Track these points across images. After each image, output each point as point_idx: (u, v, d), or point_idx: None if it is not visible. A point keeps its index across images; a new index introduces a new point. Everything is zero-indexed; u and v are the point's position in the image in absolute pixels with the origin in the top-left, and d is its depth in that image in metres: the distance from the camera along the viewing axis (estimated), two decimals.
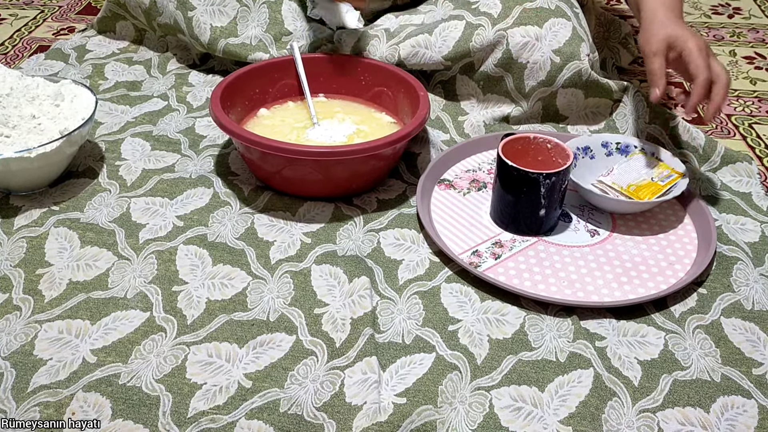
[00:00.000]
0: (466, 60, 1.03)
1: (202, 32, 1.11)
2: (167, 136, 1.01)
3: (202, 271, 0.78)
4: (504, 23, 1.02)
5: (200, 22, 1.11)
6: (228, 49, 1.10)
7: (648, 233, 0.86)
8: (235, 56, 1.10)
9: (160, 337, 0.71)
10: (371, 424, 0.63)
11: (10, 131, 0.85)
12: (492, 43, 1.01)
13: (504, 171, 0.82)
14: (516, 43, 1.01)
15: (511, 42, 1.01)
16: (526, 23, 1.01)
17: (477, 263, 0.81)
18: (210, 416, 0.64)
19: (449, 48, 1.02)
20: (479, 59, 1.03)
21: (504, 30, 1.01)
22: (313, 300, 0.75)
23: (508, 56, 1.01)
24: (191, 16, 1.11)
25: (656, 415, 0.65)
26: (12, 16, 1.45)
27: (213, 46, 1.11)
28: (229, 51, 1.10)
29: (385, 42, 1.04)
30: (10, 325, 0.72)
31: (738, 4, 1.56)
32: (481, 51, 1.02)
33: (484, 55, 1.02)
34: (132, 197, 0.89)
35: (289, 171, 0.86)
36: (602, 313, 0.75)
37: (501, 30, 1.01)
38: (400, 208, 0.89)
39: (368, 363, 0.68)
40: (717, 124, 1.11)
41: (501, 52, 1.01)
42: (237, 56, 1.10)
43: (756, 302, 0.76)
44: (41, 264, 0.79)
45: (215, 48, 1.11)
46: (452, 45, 1.02)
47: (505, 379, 0.68)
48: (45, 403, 0.64)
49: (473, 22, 1.02)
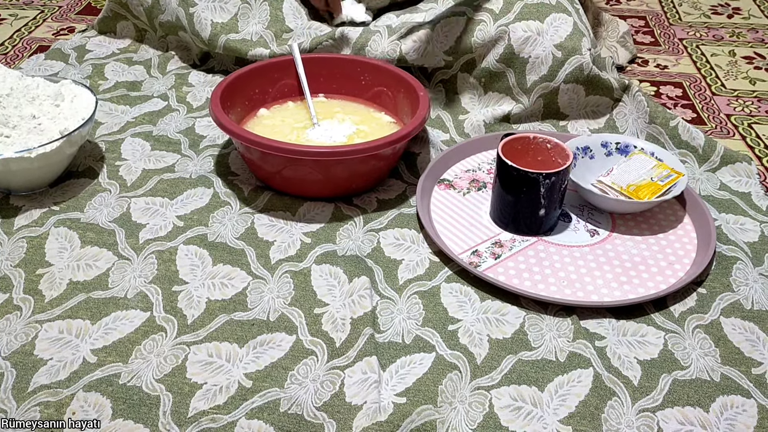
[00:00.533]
0: (467, 56, 1.03)
1: (203, 28, 1.11)
2: (167, 136, 1.01)
3: (202, 271, 0.78)
4: (505, 18, 1.02)
5: (201, 18, 1.11)
6: (228, 45, 1.10)
7: (648, 233, 0.86)
8: (236, 52, 1.10)
9: (161, 336, 0.71)
10: (371, 424, 0.63)
11: (11, 131, 0.85)
12: (494, 38, 1.02)
13: (504, 171, 0.82)
14: (518, 38, 1.01)
15: (513, 37, 1.01)
16: (528, 18, 1.02)
17: (477, 263, 0.81)
18: (210, 416, 0.64)
19: (451, 43, 1.02)
20: (480, 55, 1.03)
21: (506, 25, 1.02)
22: (313, 300, 0.75)
23: (509, 51, 1.02)
24: (192, 12, 1.12)
25: (656, 414, 0.65)
26: (12, 16, 1.45)
27: (213, 42, 1.11)
28: (229, 47, 1.10)
29: (386, 37, 1.05)
30: (11, 324, 0.72)
31: (737, 4, 1.56)
32: (483, 47, 1.02)
33: (486, 51, 1.03)
34: (132, 197, 0.89)
35: (289, 171, 0.86)
36: (602, 313, 0.75)
37: (503, 25, 1.02)
38: (400, 208, 0.89)
39: (368, 363, 0.68)
40: (717, 124, 1.11)
41: (503, 47, 1.02)
42: (237, 52, 1.10)
43: (755, 302, 0.76)
44: (41, 264, 0.79)
45: (216, 44, 1.11)
46: (454, 40, 1.02)
47: (504, 378, 0.68)
48: (45, 402, 0.64)
49: (475, 18, 1.03)
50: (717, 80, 1.24)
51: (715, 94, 1.20)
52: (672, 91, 1.21)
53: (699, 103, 1.17)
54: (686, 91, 1.21)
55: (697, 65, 1.29)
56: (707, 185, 0.95)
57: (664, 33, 1.42)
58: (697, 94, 1.20)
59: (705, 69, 1.28)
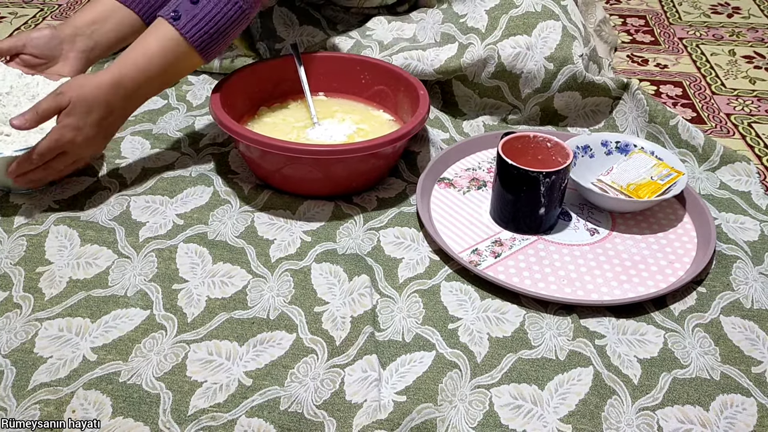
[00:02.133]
0: (458, 74, 1.03)
1: None
2: (167, 135, 1.01)
3: (202, 270, 0.78)
4: (492, 37, 1.01)
5: None
6: (225, 65, 1.12)
7: (647, 232, 0.86)
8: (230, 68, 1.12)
9: (161, 335, 0.71)
10: (371, 422, 0.63)
11: (11, 130, 0.85)
12: (483, 58, 1.01)
13: (504, 170, 0.82)
14: (507, 55, 1.01)
15: (503, 55, 1.01)
16: (515, 33, 1.01)
17: (477, 262, 0.81)
18: (210, 414, 0.64)
19: (441, 62, 1.02)
20: (472, 72, 1.03)
21: (494, 44, 1.01)
22: (313, 298, 0.75)
23: (501, 69, 1.02)
24: None
25: (656, 413, 0.65)
26: (11, 15, 1.45)
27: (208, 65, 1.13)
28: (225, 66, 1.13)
29: (378, 53, 1.04)
30: (11, 323, 0.72)
31: (737, 4, 1.56)
32: (473, 65, 1.02)
33: (477, 69, 1.03)
34: (132, 195, 0.89)
35: (289, 170, 0.86)
36: (602, 312, 0.75)
37: (491, 44, 1.01)
38: (400, 206, 0.89)
39: (368, 361, 0.68)
40: (716, 123, 1.12)
41: (494, 66, 1.01)
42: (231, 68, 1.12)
43: (755, 301, 0.76)
44: (41, 262, 0.79)
45: (210, 66, 1.14)
46: (444, 60, 1.02)
47: (504, 377, 0.68)
48: (45, 401, 0.64)
49: (464, 43, 1.02)
50: (717, 79, 1.24)
51: (715, 94, 1.20)
52: (672, 91, 1.21)
53: (699, 103, 1.17)
54: (686, 90, 1.21)
55: (697, 64, 1.30)
56: (707, 184, 0.95)
57: (664, 32, 1.42)
58: (696, 93, 1.20)
59: (705, 68, 1.28)
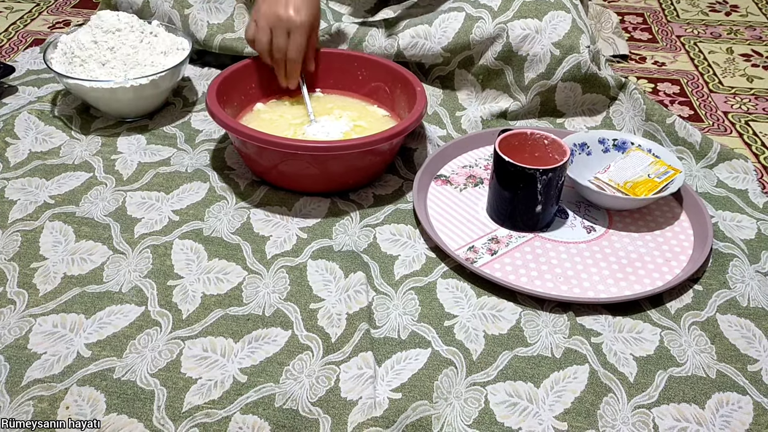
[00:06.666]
0: (465, 53, 1.03)
1: (199, 29, 1.11)
2: (163, 130, 1.01)
3: (197, 266, 0.78)
4: (504, 16, 1.02)
5: (197, 19, 1.11)
6: (224, 44, 1.10)
7: (644, 230, 0.86)
8: (232, 50, 1.10)
9: (155, 331, 0.71)
10: (366, 419, 0.63)
11: (114, 63, 0.96)
12: (492, 36, 1.01)
13: (501, 167, 0.82)
14: (516, 35, 1.01)
15: (512, 35, 1.01)
16: (526, 16, 1.02)
17: (473, 259, 0.80)
18: (205, 411, 0.64)
19: (449, 39, 1.02)
20: (479, 52, 1.03)
21: (504, 23, 1.01)
22: (309, 295, 0.75)
23: (508, 49, 1.01)
24: (187, 14, 1.11)
25: (651, 411, 0.65)
26: (7, 9, 1.44)
27: (209, 42, 1.11)
28: (225, 46, 1.10)
29: (383, 32, 1.04)
30: (4, 318, 0.71)
31: (735, 2, 1.56)
32: (481, 44, 1.02)
33: (484, 48, 1.02)
34: (128, 191, 0.88)
35: (286, 166, 0.86)
36: (598, 310, 0.75)
37: (501, 23, 1.01)
38: (397, 203, 0.89)
39: (364, 358, 0.68)
40: (714, 121, 1.11)
41: (501, 45, 1.01)
42: (233, 50, 1.10)
43: (751, 299, 0.76)
44: (36, 258, 0.78)
45: (211, 44, 1.11)
46: (452, 36, 1.02)
47: (500, 374, 0.68)
48: (39, 397, 0.64)
49: (473, 14, 1.02)
50: (714, 77, 1.24)
51: (712, 92, 1.20)
52: (669, 89, 1.21)
53: (696, 101, 1.17)
54: (684, 88, 1.21)
55: (695, 62, 1.29)
56: (704, 182, 0.95)
57: (662, 30, 1.42)
58: (694, 91, 1.20)
59: (702, 66, 1.28)
